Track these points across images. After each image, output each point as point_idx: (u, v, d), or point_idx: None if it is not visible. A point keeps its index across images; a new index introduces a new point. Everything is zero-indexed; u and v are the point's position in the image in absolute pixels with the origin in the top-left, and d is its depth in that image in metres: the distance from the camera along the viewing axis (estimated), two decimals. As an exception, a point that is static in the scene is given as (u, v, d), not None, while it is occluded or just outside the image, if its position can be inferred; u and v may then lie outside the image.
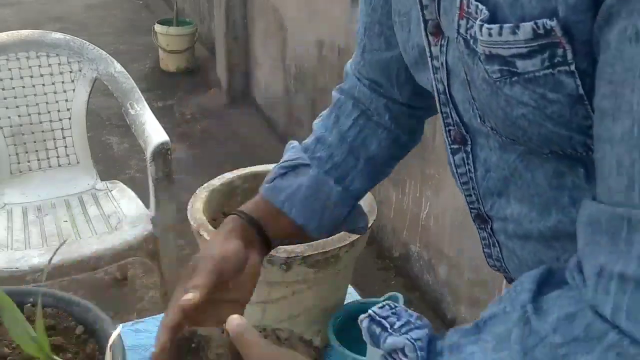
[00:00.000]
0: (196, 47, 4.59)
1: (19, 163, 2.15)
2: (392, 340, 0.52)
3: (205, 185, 1.10)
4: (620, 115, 0.43)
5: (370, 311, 0.55)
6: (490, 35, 0.51)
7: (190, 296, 0.67)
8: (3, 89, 2.10)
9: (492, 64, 0.52)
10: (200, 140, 3.70)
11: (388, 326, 0.54)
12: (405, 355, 0.51)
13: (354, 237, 0.97)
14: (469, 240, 2.09)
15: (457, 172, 0.70)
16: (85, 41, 2.17)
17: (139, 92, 2.14)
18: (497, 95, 0.55)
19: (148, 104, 2.14)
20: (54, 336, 0.89)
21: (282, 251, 0.93)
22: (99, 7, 5.81)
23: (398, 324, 0.54)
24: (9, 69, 2.11)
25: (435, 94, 0.66)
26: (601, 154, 0.46)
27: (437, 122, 2.16)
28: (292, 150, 0.85)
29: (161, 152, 1.90)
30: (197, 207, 1.04)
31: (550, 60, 0.49)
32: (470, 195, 0.71)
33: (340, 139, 0.84)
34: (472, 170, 0.68)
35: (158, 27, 4.47)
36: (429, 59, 0.64)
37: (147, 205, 2.04)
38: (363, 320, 0.55)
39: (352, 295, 1.15)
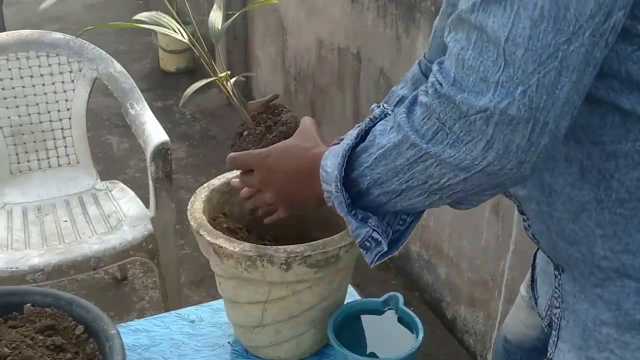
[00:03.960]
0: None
1: (19, 163, 2.15)
2: (375, 108, 0.83)
3: (205, 185, 1.10)
4: None
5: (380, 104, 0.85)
6: None
7: None
8: (3, 89, 2.10)
9: None
10: (200, 140, 3.70)
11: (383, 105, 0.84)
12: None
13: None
14: (469, 240, 2.09)
15: None
16: (85, 41, 2.16)
17: (139, 92, 2.14)
18: None
19: (148, 104, 2.14)
20: (54, 336, 0.89)
21: (282, 251, 0.93)
22: (99, 7, 5.81)
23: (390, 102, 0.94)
24: (9, 69, 2.11)
25: None
26: None
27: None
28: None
29: (161, 152, 1.90)
30: (197, 207, 1.04)
31: None
32: None
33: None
34: None
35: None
36: None
37: (147, 205, 2.04)
38: (374, 107, 0.85)
39: (352, 295, 1.15)
